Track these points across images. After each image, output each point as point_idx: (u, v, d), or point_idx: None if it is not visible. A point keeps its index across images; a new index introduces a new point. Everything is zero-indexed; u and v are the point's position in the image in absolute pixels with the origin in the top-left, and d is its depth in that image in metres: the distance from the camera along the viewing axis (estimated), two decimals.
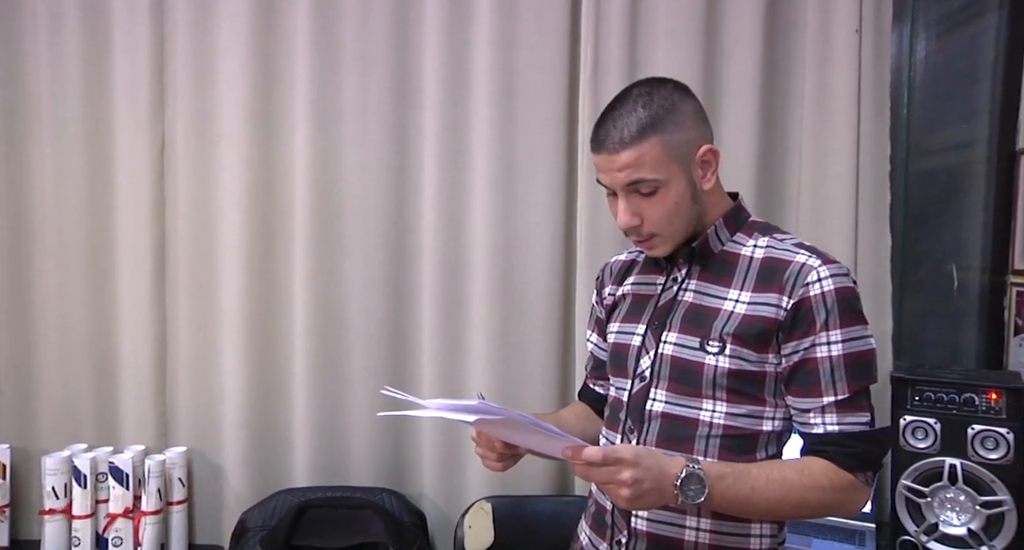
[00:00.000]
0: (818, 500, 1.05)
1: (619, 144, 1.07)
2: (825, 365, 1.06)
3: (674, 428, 1.12)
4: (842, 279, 1.07)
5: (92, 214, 2.01)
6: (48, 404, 2.05)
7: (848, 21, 1.87)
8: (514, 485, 1.94)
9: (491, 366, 1.97)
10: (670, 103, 1.10)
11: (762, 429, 1.10)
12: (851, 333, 1.06)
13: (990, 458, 1.59)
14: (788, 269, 1.08)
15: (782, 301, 1.07)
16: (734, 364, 1.08)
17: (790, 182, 1.97)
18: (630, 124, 1.07)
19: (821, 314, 1.06)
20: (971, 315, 2.07)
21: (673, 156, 1.08)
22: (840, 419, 1.06)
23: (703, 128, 1.13)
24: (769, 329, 1.07)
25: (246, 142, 1.97)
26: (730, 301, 1.11)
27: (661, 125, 1.07)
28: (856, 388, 1.06)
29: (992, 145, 2.03)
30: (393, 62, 1.98)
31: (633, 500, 0.96)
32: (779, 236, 1.15)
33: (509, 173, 1.96)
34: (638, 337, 1.18)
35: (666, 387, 1.13)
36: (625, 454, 0.95)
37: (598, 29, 1.92)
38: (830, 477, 1.05)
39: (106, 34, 1.99)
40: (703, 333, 1.10)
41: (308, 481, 2.00)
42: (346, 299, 2.01)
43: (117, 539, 1.90)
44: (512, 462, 1.15)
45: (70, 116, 1.99)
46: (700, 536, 1.10)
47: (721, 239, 1.16)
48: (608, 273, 1.33)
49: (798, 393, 1.08)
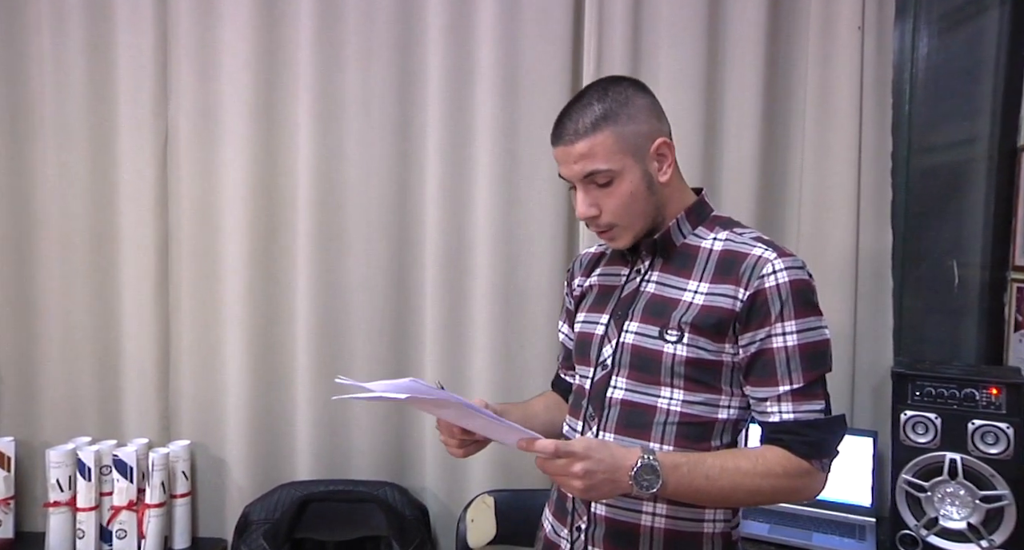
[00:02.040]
0: (771, 487, 1.07)
1: (574, 135, 1.11)
2: (781, 355, 1.09)
3: (633, 415, 1.14)
4: (796, 272, 1.09)
5: (96, 209, 2.03)
6: (52, 397, 2.06)
7: (850, 18, 1.88)
8: (516, 479, 1.95)
9: (493, 360, 1.98)
10: (624, 97, 1.13)
11: (717, 417, 1.13)
12: (806, 324, 1.09)
13: (990, 453, 1.60)
14: (745, 262, 1.11)
15: (738, 293, 1.10)
16: (691, 352, 1.10)
17: (792, 179, 1.98)
18: (584, 117, 1.11)
19: (776, 305, 1.08)
20: (971, 311, 2.08)
21: (626, 148, 1.11)
22: (795, 407, 1.08)
23: (657, 123, 1.16)
24: (726, 320, 1.10)
25: (249, 137, 1.98)
26: (689, 292, 1.14)
27: (614, 117, 1.11)
28: (811, 377, 1.08)
29: (993, 142, 2.04)
30: (396, 58, 1.99)
31: (586, 491, 1.00)
32: (739, 230, 1.18)
33: (512, 169, 1.97)
34: (601, 326, 1.21)
35: (627, 375, 1.16)
36: (577, 447, 0.99)
37: (601, 25, 1.93)
38: (783, 465, 1.07)
39: (109, 30, 2.00)
40: (663, 323, 1.13)
41: (311, 474, 2.01)
42: (349, 293, 2.02)
43: (121, 531, 1.91)
44: (474, 449, 1.17)
45: (73, 112, 2.00)
46: (656, 521, 1.13)
47: (683, 232, 1.19)
48: (578, 265, 1.36)
49: (755, 383, 1.11)
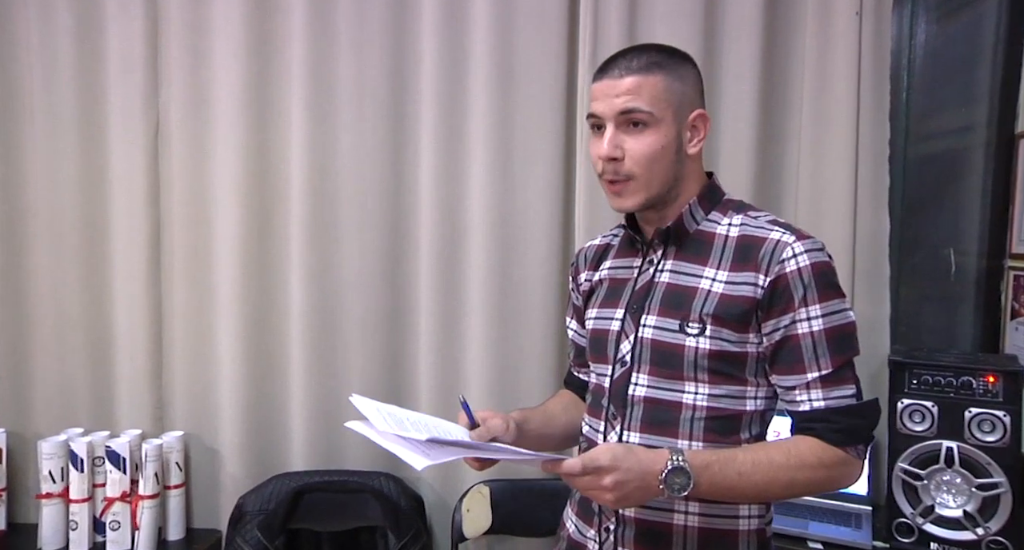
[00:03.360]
0: (807, 478, 1.04)
1: (625, 70, 1.09)
2: (807, 341, 1.06)
3: (657, 412, 1.11)
4: (817, 254, 1.07)
5: (86, 199, 2.00)
6: (44, 388, 2.04)
7: (848, 4, 1.86)
8: (512, 469, 1.93)
9: (488, 353, 1.97)
10: (680, 59, 1.14)
11: (745, 409, 1.10)
12: (830, 307, 1.06)
13: (987, 441, 1.60)
14: (763, 247, 1.08)
15: (759, 279, 1.06)
16: (715, 345, 1.07)
17: (789, 165, 1.96)
18: (640, 57, 1.10)
19: (799, 290, 1.05)
20: (968, 299, 2.07)
21: (671, 100, 1.10)
22: (826, 394, 1.05)
23: (701, 97, 1.16)
24: (748, 309, 1.07)
25: (241, 126, 1.96)
26: (707, 279, 1.10)
27: (670, 68, 1.10)
28: (839, 362, 1.06)
29: (991, 129, 2.03)
30: (390, 46, 1.96)
31: (619, 502, 0.98)
32: (753, 213, 1.15)
33: (507, 159, 1.95)
34: (617, 322, 1.17)
35: (648, 371, 1.12)
36: (603, 460, 0.96)
37: (597, 12, 1.91)
38: (818, 454, 1.04)
39: (99, 17, 1.97)
40: (682, 315, 1.10)
41: (305, 465, 2.00)
42: (342, 284, 2.00)
43: (115, 523, 1.90)
44: (490, 463, 1.14)
45: (63, 100, 1.98)
46: (689, 520, 1.10)
47: (696, 218, 1.16)
48: (583, 259, 1.32)
49: (782, 371, 1.08)
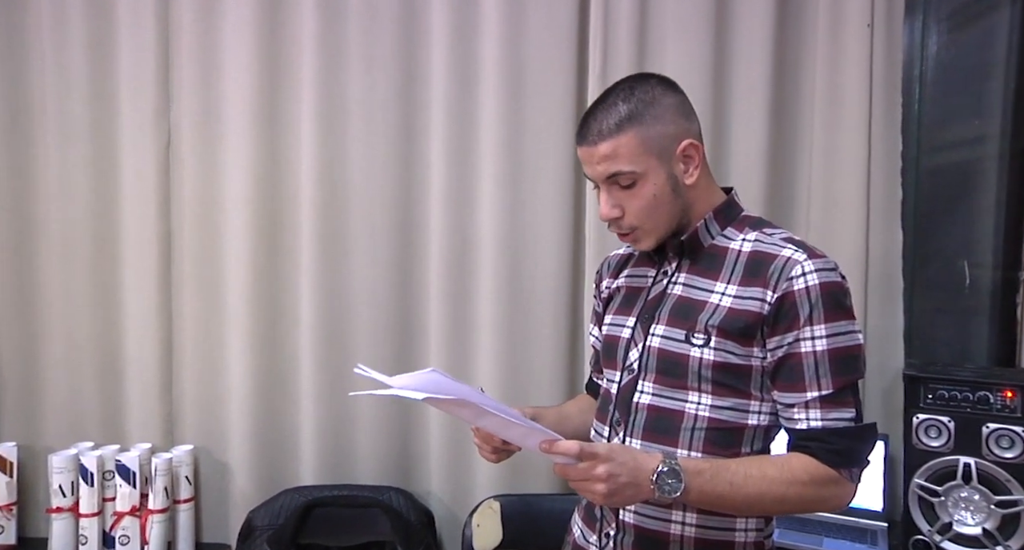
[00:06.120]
0: (797, 495, 1.04)
1: (597, 136, 1.09)
2: (809, 360, 1.05)
3: (660, 420, 1.12)
4: (828, 274, 1.06)
5: (97, 211, 2.01)
6: (54, 402, 2.04)
7: (860, 16, 1.85)
8: (523, 484, 1.93)
9: (499, 363, 1.96)
10: (650, 97, 1.10)
11: (747, 423, 1.10)
12: (836, 328, 1.05)
13: (1005, 457, 1.58)
14: (773, 263, 1.07)
15: (766, 295, 1.06)
16: (719, 356, 1.08)
17: (801, 178, 1.95)
18: (609, 117, 1.09)
19: (805, 308, 1.05)
20: (983, 312, 2.05)
21: (651, 149, 1.09)
22: (824, 415, 1.05)
23: (685, 123, 1.13)
24: (753, 323, 1.07)
25: (252, 139, 1.96)
26: (716, 294, 1.11)
27: (639, 118, 1.09)
28: (841, 383, 1.05)
29: (1004, 141, 2.02)
30: (400, 59, 1.97)
31: (609, 496, 0.97)
32: (769, 230, 1.14)
33: (517, 170, 1.95)
34: (628, 329, 1.19)
35: (653, 379, 1.13)
36: (600, 449, 0.96)
37: (607, 25, 1.91)
38: (810, 472, 1.04)
39: (111, 31, 1.98)
40: (689, 325, 1.10)
41: (315, 479, 1.99)
42: (353, 297, 2.00)
43: (124, 537, 1.89)
44: (505, 455, 1.16)
45: (75, 113, 1.99)
46: (686, 530, 1.11)
47: (711, 233, 1.16)
48: (607, 267, 1.34)
49: (782, 388, 1.08)
